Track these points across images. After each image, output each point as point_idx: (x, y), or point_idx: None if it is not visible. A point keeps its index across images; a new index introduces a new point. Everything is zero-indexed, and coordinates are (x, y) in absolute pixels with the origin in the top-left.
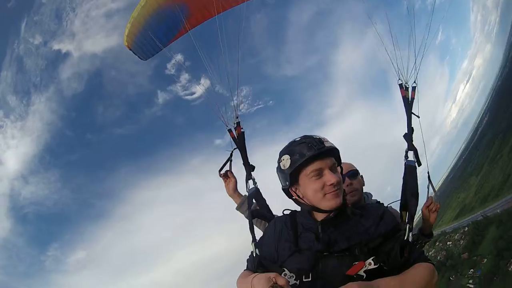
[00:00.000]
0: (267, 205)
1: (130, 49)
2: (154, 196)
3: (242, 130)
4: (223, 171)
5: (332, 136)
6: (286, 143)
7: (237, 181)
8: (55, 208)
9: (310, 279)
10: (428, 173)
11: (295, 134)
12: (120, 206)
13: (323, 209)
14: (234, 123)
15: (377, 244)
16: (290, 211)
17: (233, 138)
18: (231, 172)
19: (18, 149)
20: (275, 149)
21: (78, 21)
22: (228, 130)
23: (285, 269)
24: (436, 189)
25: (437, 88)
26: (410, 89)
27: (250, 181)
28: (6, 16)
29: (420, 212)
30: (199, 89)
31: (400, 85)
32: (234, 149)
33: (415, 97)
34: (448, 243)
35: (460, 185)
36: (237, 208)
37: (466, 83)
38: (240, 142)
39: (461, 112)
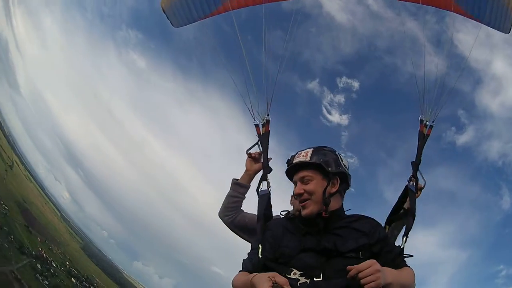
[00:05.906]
0: (271, 212)
1: (164, 12)
2: None
3: (269, 129)
4: (252, 151)
5: None
6: None
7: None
8: None
9: (321, 279)
10: (418, 165)
11: None
12: None
13: None
14: (263, 120)
15: (378, 249)
16: (288, 211)
17: (258, 134)
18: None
19: None
20: None
21: None
22: (254, 124)
23: (293, 268)
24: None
25: None
26: (427, 127)
27: (264, 183)
28: None
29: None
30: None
31: (421, 121)
32: (258, 141)
33: (430, 135)
34: None
35: None
36: (236, 183)
37: None
38: (264, 141)
39: None
